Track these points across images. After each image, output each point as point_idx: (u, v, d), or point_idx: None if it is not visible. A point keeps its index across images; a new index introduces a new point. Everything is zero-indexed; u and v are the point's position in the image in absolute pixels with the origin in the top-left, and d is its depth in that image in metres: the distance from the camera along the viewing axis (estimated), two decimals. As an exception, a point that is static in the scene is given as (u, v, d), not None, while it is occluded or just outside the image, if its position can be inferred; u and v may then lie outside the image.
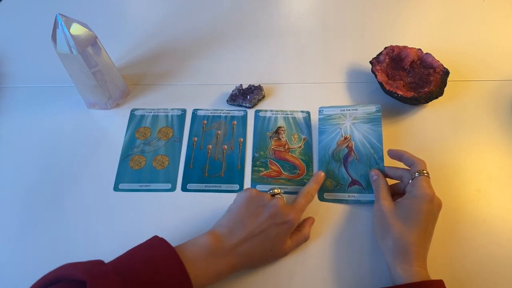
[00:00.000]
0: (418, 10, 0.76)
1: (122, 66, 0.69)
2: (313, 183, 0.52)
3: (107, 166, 0.57)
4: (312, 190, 0.51)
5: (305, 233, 0.49)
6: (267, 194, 0.49)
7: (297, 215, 0.47)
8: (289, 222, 0.46)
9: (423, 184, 0.46)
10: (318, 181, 0.52)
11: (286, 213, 0.46)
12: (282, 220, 0.46)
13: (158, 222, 0.52)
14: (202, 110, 0.63)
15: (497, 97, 0.63)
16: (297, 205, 0.48)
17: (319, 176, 0.53)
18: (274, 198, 0.48)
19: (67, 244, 0.51)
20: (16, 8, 0.81)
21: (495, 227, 0.51)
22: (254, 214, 0.46)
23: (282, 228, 0.46)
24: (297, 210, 0.48)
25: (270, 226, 0.45)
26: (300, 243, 0.49)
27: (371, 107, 0.56)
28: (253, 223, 0.45)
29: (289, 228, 0.46)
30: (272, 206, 0.46)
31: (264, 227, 0.45)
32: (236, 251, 0.44)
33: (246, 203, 0.47)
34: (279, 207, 0.46)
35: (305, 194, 0.50)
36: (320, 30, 0.74)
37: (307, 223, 0.50)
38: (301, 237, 0.49)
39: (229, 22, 0.76)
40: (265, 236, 0.45)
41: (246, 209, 0.46)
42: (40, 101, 0.65)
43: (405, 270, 0.43)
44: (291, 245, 0.48)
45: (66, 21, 0.52)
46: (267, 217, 0.45)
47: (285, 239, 0.47)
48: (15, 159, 0.58)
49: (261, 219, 0.45)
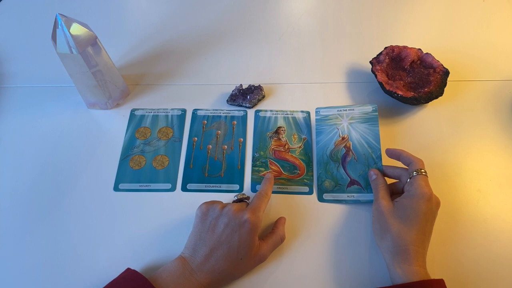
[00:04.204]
0: (418, 10, 0.76)
1: (122, 66, 0.69)
2: (265, 184, 0.51)
3: (107, 166, 0.57)
4: (265, 189, 0.50)
5: (279, 233, 0.49)
6: (220, 203, 0.48)
7: (253, 214, 0.46)
8: (246, 223, 0.45)
9: (421, 183, 0.46)
10: (270, 182, 0.51)
11: (240, 216, 0.45)
12: (238, 223, 0.45)
13: (158, 222, 0.52)
14: (202, 110, 0.63)
15: (497, 97, 0.63)
16: (253, 205, 0.47)
17: (268, 177, 0.52)
18: (226, 206, 0.47)
19: (67, 244, 0.51)
20: (16, 8, 0.81)
21: (495, 227, 0.51)
22: (210, 228, 0.46)
23: (241, 232, 0.45)
24: (252, 210, 0.46)
25: (228, 235, 0.45)
26: (277, 243, 0.48)
27: (368, 107, 0.56)
28: (211, 237, 0.45)
29: (250, 229, 0.45)
30: (225, 215, 0.46)
31: (224, 237, 0.45)
32: (204, 268, 0.44)
33: (201, 219, 0.47)
34: (232, 213, 0.46)
35: (258, 194, 0.49)
36: (320, 30, 0.74)
37: (279, 223, 0.50)
38: (276, 238, 0.48)
39: (229, 22, 0.76)
40: (228, 246, 0.44)
41: (202, 225, 0.47)
42: (40, 101, 0.65)
43: (405, 270, 0.43)
44: (267, 248, 0.47)
45: (66, 21, 0.52)
46: (223, 227, 0.45)
47: (250, 242, 0.45)
48: (15, 159, 0.59)
49: (218, 231, 0.45)
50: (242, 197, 0.50)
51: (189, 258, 0.45)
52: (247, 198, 0.51)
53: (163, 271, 0.44)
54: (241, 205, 0.48)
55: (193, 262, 0.45)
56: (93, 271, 0.49)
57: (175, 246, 0.48)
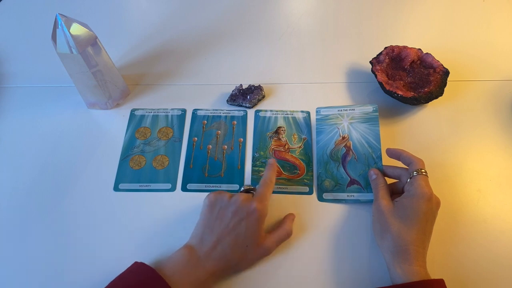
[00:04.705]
0: (418, 10, 0.76)
1: (122, 66, 0.69)
2: (268, 170, 0.51)
3: (107, 166, 0.57)
4: (269, 176, 0.50)
5: (286, 228, 0.49)
6: (227, 193, 0.49)
7: (260, 203, 0.46)
8: (254, 212, 0.46)
9: (421, 183, 0.46)
10: (272, 167, 0.51)
11: (248, 205, 0.46)
12: (246, 212, 0.46)
13: (158, 222, 0.52)
14: (202, 110, 0.63)
15: (497, 97, 0.63)
16: (258, 194, 0.48)
17: (271, 162, 0.52)
18: (234, 195, 0.48)
19: (67, 244, 0.51)
20: (16, 8, 0.81)
21: (495, 227, 0.51)
22: (218, 217, 0.47)
23: (249, 220, 0.45)
24: (260, 199, 0.47)
25: (236, 223, 0.46)
26: (283, 238, 0.49)
27: (368, 107, 0.56)
28: (219, 225, 0.46)
29: (257, 218, 0.46)
30: (232, 204, 0.47)
31: (231, 225, 0.45)
32: (211, 256, 0.45)
33: (209, 209, 0.48)
34: (240, 202, 0.46)
35: (263, 182, 0.49)
36: (320, 30, 0.74)
37: (287, 219, 0.50)
38: (282, 232, 0.49)
39: (229, 22, 0.76)
40: (235, 234, 0.45)
41: (210, 214, 0.47)
42: (40, 101, 0.65)
43: (405, 270, 0.43)
44: (272, 241, 0.47)
45: (66, 21, 0.52)
46: (231, 216, 0.46)
47: (257, 231, 0.46)
48: (15, 159, 0.59)
49: (226, 219, 0.46)
50: (248, 188, 0.51)
51: (196, 246, 0.46)
52: (253, 189, 0.51)
53: (169, 260, 0.45)
54: (248, 195, 0.48)
55: (200, 250, 0.45)
56: (93, 271, 0.49)
57: (175, 246, 0.48)
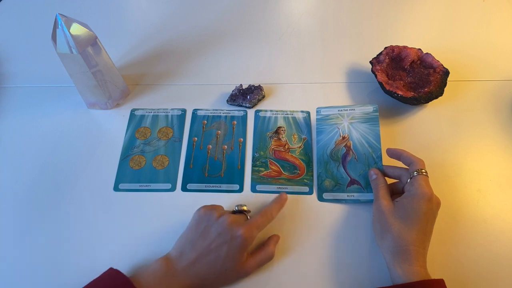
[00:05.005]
0: (418, 10, 0.76)
1: (122, 66, 0.69)
2: (275, 203, 0.49)
3: (107, 166, 0.57)
4: (272, 209, 0.48)
5: (268, 251, 0.47)
6: (218, 210, 0.47)
7: (249, 231, 0.45)
8: (238, 238, 0.44)
9: (422, 183, 0.46)
10: (281, 202, 0.50)
11: (235, 229, 0.45)
12: (231, 236, 0.44)
13: (158, 222, 0.52)
14: (202, 110, 0.63)
15: (497, 97, 0.63)
16: (252, 221, 0.46)
17: (282, 197, 0.50)
18: (223, 216, 0.46)
19: (66, 244, 0.51)
20: (16, 8, 0.81)
21: (495, 227, 0.51)
22: (203, 234, 0.45)
23: (231, 245, 0.44)
24: (250, 226, 0.45)
25: (218, 245, 0.44)
26: (264, 261, 0.47)
27: (369, 107, 0.56)
28: (202, 243, 0.45)
29: (240, 244, 0.44)
30: (220, 225, 0.45)
31: (213, 246, 0.44)
32: (188, 272, 0.44)
33: (196, 223, 0.47)
34: (227, 224, 0.45)
35: (264, 213, 0.48)
36: (320, 30, 0.74)
37: (271, 241, 0.48)
38: (264, 256, 0.47)
39: (229, 22, 0.76)
40: (215, 255, 0.44)
41: (195, 229, 0.46)
42: (40, 101, 0.65)
43: (405, 270, 0.43)
44: (253, 265, 0.46)
45: (66, 21, 0.52)
46: (215, 236, 0.45)
47: (238, 256, 0.45)
48: (15, 159, 0.58)
49: (209, 238, 0.45)
50: (242, 209, 0.49)
51: (174, 260, 0.45)
52: (247, 211, 0.49)
53: (146, 270, 0.44)
54: (239, 217, 0.47)
55: (178, 264, 0.44)
56: (93, 271, 0.48)
57: None
